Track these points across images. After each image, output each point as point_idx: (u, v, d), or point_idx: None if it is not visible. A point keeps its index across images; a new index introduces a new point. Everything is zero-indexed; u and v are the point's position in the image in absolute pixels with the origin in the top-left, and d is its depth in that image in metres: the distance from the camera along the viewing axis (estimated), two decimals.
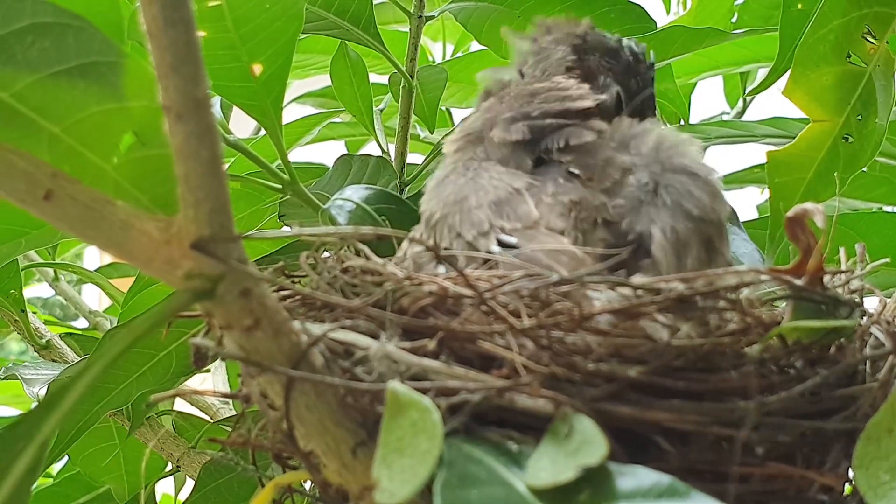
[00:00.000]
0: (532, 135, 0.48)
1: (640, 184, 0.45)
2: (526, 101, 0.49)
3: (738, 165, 0.88)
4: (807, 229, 0.37)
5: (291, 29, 0.53)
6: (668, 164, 0.46)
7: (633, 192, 0.45)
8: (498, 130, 0.48)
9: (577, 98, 0.49)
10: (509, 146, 0.48)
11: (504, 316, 0.35)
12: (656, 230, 0.43)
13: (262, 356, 0.35)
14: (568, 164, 0.46)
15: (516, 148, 0.48)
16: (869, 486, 0.34)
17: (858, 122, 0.54)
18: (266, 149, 0.63)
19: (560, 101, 0.49)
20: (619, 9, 0.73)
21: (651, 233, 0.43)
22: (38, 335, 0.84)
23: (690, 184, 0.45)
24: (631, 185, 0.45)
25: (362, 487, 0.36)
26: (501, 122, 0.49)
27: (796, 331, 0.37)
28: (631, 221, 0.44)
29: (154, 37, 0.30)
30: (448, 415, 0.33)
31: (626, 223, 0.44)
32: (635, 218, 0.44)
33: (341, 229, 0.41)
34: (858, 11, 0.53)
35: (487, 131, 0.49)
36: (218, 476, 0.64)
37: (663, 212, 0.44)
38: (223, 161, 0.32)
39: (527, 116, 0.48)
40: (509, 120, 0.49)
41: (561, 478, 0.30)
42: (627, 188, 0.45)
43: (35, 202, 0.34)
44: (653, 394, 0.34)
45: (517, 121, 0.48)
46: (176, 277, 0.34)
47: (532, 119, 0.48)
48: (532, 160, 0.47)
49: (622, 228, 0.44)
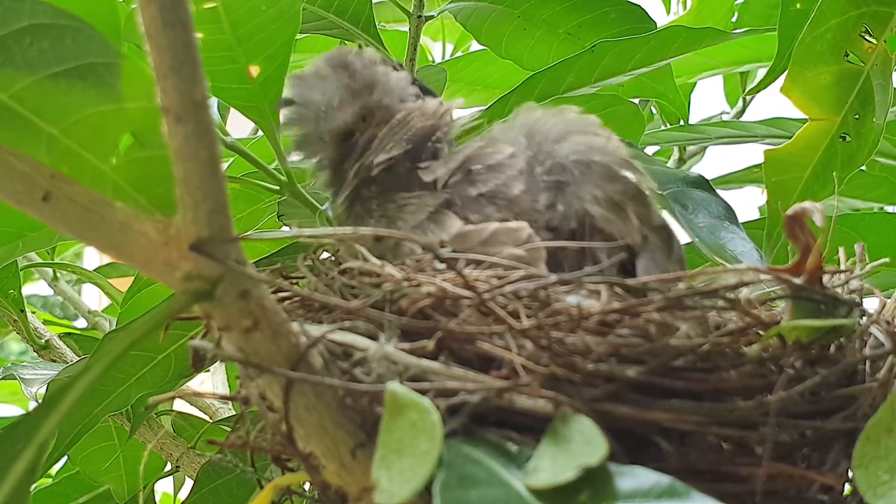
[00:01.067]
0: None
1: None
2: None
3: (738, 165, 0.88)
4: (806, 228, 0.37)
5: (289, 30, 0.53)
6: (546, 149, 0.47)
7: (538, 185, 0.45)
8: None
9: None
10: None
11: (503, 316, 0.35)
12: (590, 205, 0.44)
13: (261, 358, 0.35)
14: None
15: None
16: (868, 485, 0.34)
17: (856, 121, 0.54)
18: (264, 150, 0.63)
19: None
20: (619, 9, 0.73)
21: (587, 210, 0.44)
22: (38, 335, 0.84)
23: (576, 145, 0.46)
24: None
25: (362, 489, 0.36)
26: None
27: (795, 330, 0.37)
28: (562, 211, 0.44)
29: (152, 38, 0.30)
30: (447, 415, 0.33)
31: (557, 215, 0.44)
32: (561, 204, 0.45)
33: (339, 230, 0.41)
34: (856, 10, 0.53)
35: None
36: (216, 477, 0.64)
37: (581, 186, 0.45)
38: (222, 162, 0.32)
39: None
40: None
41: (560, 478, 0.30)
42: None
43: (33, 203, 0.33)
44: (652, 394, 0.34)
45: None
46: (175, 279, 0.34)
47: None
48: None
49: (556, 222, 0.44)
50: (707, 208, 0.55)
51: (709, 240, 0.53)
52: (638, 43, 0.67)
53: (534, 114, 0.49)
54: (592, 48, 0.67)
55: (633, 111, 0.71)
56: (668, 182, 0.56)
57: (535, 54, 0.75)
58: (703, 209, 0.55)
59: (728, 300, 0.37)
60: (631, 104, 0.72)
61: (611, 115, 0.69)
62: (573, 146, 0.46)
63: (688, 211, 0.55)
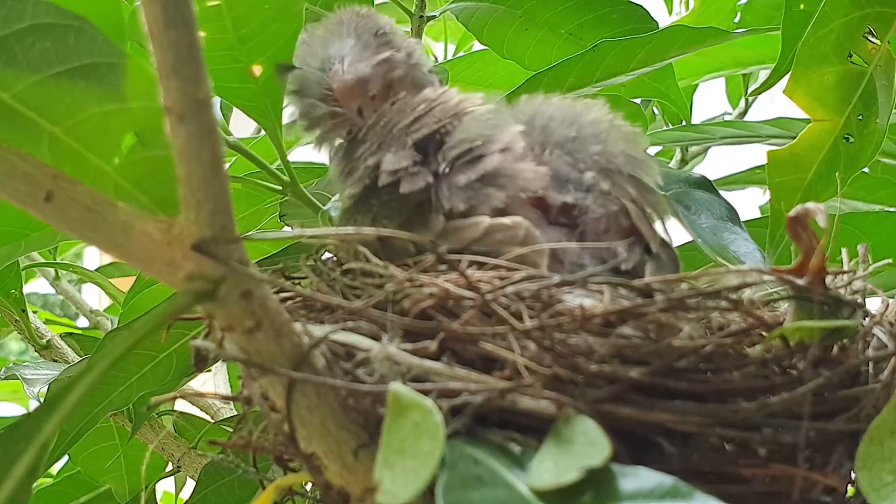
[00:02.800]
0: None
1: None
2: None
3: (741, 166, 0.88)
4: (809, 229, 0.37)
5: (291, 29, 0.53)
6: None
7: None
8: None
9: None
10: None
11: (506, 317, 0.35)
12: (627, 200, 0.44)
13: (264, 358, 0.35)
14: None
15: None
16: (872, 487, 0.34)
17: (859, 121, 0.54)
18: (267, 149, 0.63)
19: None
20: (621, 9, 0.73)
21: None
22: (39, 335, 0.84)
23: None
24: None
25: (364, 489, 0.36)
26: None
27: (799, 331, 0.37)
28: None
29: (155, 37, 0.30)
30: (450, 416, 0.33)
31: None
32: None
33: (342, 230, 0.41)
34: (860, 11, 0.53)
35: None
36: (218, 478, 0.64)
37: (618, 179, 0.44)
38: (225, 162, 0.32)
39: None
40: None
41: (564, 479, 0.30)
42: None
43: (36, 203, 0.33)
44: (655, 395, 0.34)
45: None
46: (177, 279, 0.34)
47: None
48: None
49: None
50: (710, 209, 0.55)
51: (711, 240, 0.53)
52: (639, 43, 0.67)
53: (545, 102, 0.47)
54: (594, 48, 0.67)
55: (636, 111, 0.71)
56: (671, 183, 0.56)
57: (536, 54, 0.75)
58: (706, 210, 0.55)
59: (731, 301, 0.37)
60: (633, 104, 0.72)
61: None
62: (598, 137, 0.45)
63: (690, 212, 0.55)
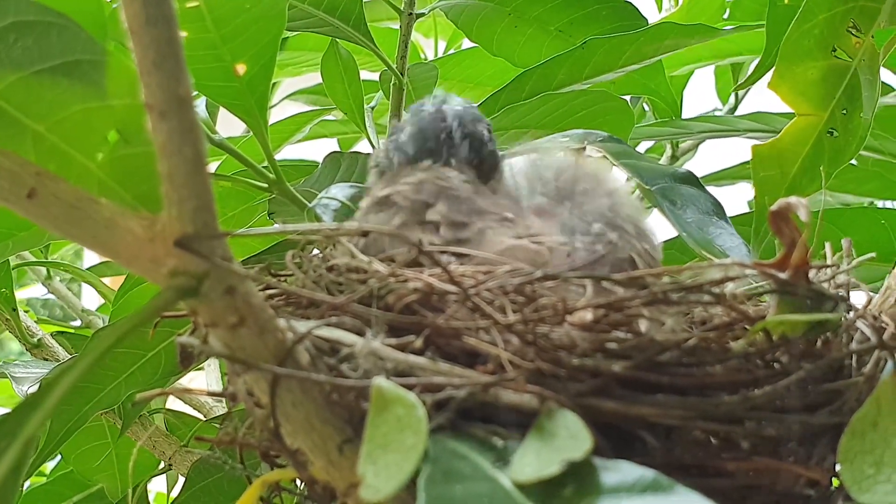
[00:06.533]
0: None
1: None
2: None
3: (731, 162, 0.88)
4: (791, 223, 0.37)
5: (274, 28, 0.53)
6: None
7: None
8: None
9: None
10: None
11: (489, 312, 0.35)
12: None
13: (248, 354, 0.35)
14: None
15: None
16: (854, 479, 0.34)
17: (843, 116, 0.54)
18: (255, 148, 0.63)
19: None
20: (610, 6, 0.73)
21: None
22: (30, 334, 0.84)
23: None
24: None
25: (349, 484, 0.36)
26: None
27: (781, 325, 0.37)
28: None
29: (135, 34, 0.30)
30: (433, 411, 0.33)
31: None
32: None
33: (326, 226, 0.41)
34: (844, 6, 0.53)
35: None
36: (208, 475, 0.64)
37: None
38: (207, 159, 0.32)
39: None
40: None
41: (545, 472, 0.30)
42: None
43: (18, 201, 0.33)
44: (638, 389, 0.35)
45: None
46: (160, 275, 0.34)
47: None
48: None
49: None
50: (695, 204, 0.55)
51: (697, 235, 0.53)
52: (628, 40, 0.67)
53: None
54: (583, 45, 0.67)
55: (623, 107, 0.71)
56: (657, 178, 0.56)
57: (526, 51, 0.75)
58: (692, 205, 0.55)
59: (714, 295, 0.37)
60: (621, 100, 0.72)
61: (601, 111, 0.69)
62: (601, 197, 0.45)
63: (676, 206, 0.55)
